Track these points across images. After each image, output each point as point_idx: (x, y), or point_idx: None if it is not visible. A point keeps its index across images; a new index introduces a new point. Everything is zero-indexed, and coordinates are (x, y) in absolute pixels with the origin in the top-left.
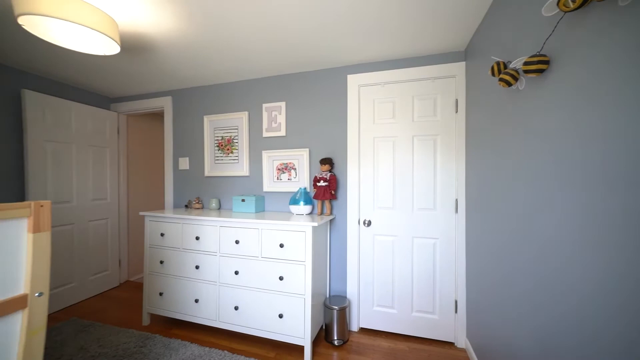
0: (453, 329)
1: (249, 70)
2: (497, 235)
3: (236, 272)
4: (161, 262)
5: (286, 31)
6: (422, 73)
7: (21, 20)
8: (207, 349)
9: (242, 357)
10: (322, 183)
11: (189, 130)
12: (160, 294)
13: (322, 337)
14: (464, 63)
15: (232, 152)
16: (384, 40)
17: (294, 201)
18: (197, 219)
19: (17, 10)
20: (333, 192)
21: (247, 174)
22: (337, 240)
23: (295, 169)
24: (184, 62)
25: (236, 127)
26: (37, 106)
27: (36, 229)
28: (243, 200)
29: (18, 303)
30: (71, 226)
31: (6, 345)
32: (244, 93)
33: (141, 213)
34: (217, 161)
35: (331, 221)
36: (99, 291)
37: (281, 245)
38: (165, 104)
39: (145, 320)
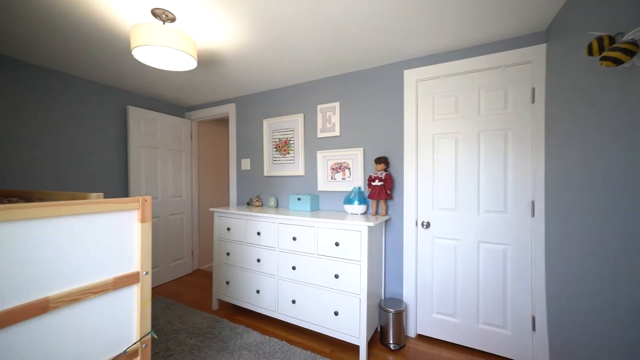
0: (530, 348)
1: (304, 74)
2: (592, 245)
3: (293, 268)
4: (227, 253)
5: (341, 30)
6: (490, 62)
7: (134, 52)
8: (267, 337)
9: (299, 349)
10: (377, 182)
11: (250, 133)
12: (227, 282)
13: (377, 339)
14: (544, 45)
15: (288, 153)
16: (444, 28)
17: (349, 200)
18: (258, 216)
19: (133, 44)
20: (389, 191)
21: (303, 173)
22: (392, 242)
23: (349, 169)
24: (246, 71)
25: (292, 129)
26: (136, 118)
27: (142, 219)
28: (299, 199)
29: (134, 278)
30: (157, 219)
31: (130, 310)
32: (300, 96)
33: (211, 209)
34: (274, 162)
35: (386, 221)
36: (177, 276)
37: (336, 244)
38: (230, 110)
39: (215, 305)
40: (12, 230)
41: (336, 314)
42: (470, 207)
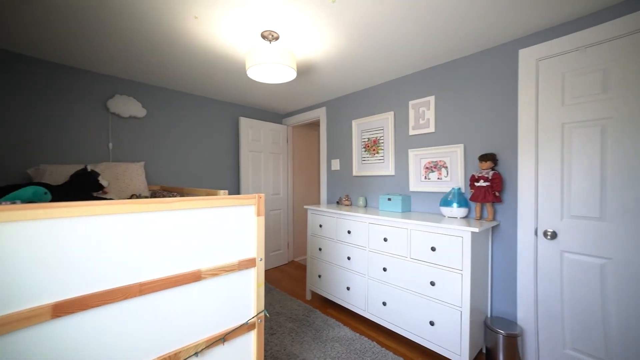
0: None
1: (393, 70)
2: None
3: (384, 269)
4: (320, 249)
5: (440, 16)
6: None
7: (249, 71)
8: (357, 334)
9: (391, 353)
10: (482, 183)
11: (339, 135)
12: (319, 276)
13: None
14: None
15: (377, 153)
16: None
17: (446, 202)
18: (349, 215)
19: (248, 65)
20: (497, 193)
21: (392, 173)
22: (501, 252)
23: (446, 167)
24: (336, 74)
25: (382, 128)
26: (245, 127)
27: (258, 213)
28: (389, 200)
29: (251, 262)
30: None
31: (248, 289)
32: (389, 94)
33: (305, 207)
34: (363, 161)
35: (494, 228)
36: (275, 265)
37: (432, 249)
38: (321, 114)
39: (308, 295)
40: (176, 217)
41: (432, 324)
42: (628, 216)
